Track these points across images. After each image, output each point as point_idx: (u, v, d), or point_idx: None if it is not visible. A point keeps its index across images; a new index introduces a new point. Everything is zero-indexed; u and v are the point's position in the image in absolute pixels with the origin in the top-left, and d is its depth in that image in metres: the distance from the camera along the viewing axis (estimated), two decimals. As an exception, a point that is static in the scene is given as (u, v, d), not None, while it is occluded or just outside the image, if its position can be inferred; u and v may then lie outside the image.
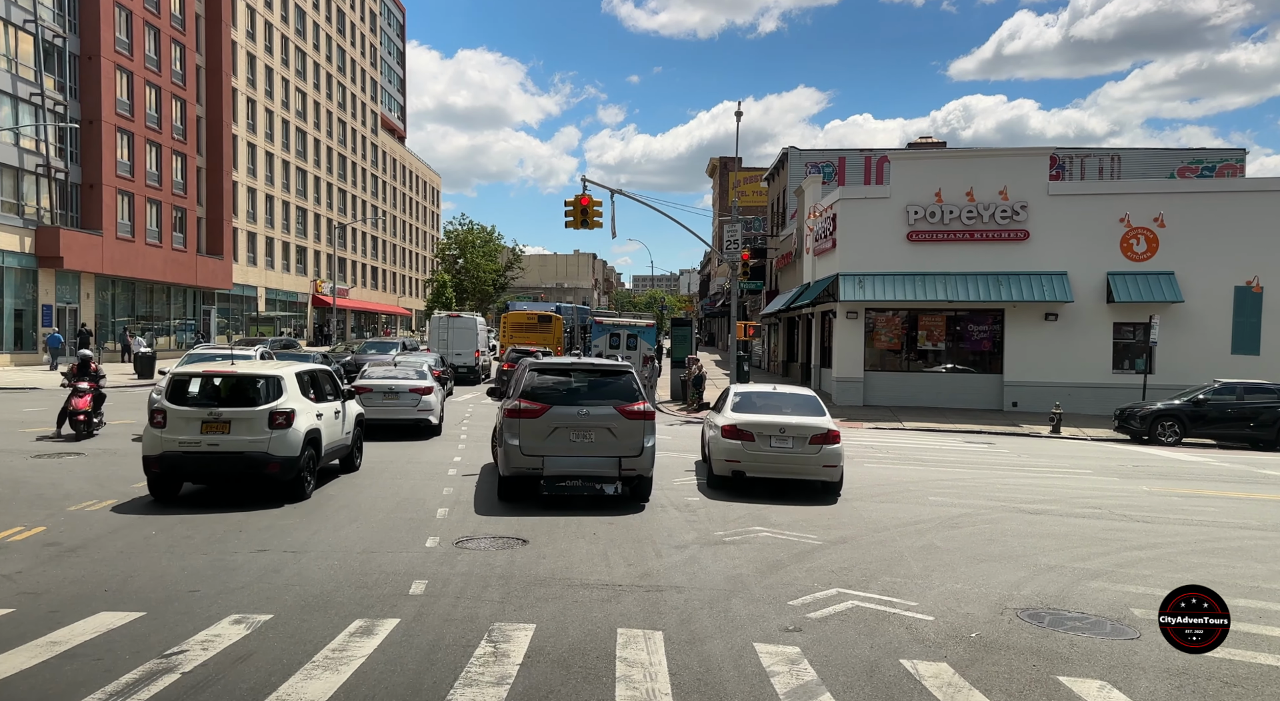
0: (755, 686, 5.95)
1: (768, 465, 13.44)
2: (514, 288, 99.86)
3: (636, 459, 12.25)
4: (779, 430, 13.39)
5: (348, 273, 79.08)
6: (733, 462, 13.53)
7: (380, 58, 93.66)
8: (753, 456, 13.36)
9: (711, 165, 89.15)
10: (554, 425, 12.15)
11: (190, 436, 11.66)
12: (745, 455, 13.38)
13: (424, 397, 19.60)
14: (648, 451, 12.32)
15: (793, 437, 13.34)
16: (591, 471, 12.23)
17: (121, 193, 45.42)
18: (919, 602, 8.00)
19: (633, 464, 12.25)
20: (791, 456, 13.33)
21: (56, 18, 41.79)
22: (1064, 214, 29.90)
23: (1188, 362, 28.47)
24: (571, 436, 12.16)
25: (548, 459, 12.08)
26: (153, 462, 11.74)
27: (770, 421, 13.54)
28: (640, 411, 12.39)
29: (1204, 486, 16.53)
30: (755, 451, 13.34)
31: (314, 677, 5.88)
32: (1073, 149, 51.35)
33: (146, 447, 11.81)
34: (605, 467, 12.20)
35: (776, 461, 13.40)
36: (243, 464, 11.72)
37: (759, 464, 13.42)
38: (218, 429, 11.72)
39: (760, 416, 13.74)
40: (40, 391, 29.20)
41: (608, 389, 12.65)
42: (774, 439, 13.36)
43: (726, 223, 41.85)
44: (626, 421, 12.24)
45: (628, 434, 12.22)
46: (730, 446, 13.48)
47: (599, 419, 12.21)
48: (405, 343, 40.00)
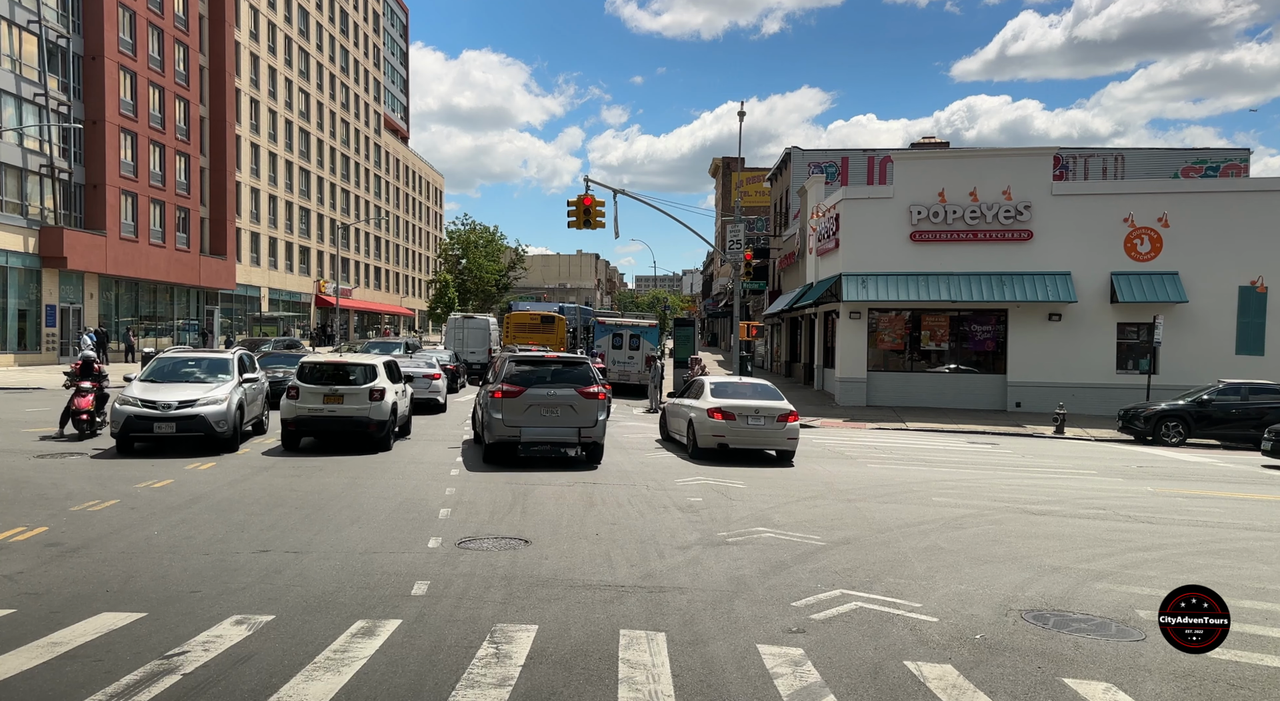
0: (758, 688, 5.92)
1: (746, 438, 17.10)
2: (517, 288, 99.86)
3: (592, 429, 15.88)
4: (754, 412, 17.10)
5: (350, 273, 79.14)
6: (719, 437, 17.08)
7: (383, 58, 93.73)
8: (735, 432, 17.00)
9: (714, 165, 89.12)
10: (529, 403, 15.62)
11: (315, 405, 16.64)
12: (729, 431, 16.99)
13: (434, 382, 25.66)
14: (600, 423, 16.04)
15: (765, 417, 17.11)
16: (558, 438, 15.88)
17: (125, 193, 45.49)
18: (923, 604, 7.96)
19: (589, 433, 15.87)
20: (764, 431, 17.11)
21: (60, 18, 41.86)
22: (1068, 214, 29.84)
23: (1192, 363, 28.40)
24: (542, 411, 15.67)
25: (524, 429, 15.56)
26: (289, 423, 16.74)
27: (747, 404, 17.17)
28: (594, 392, 15.96)
29: (1209, 487, 16.47)
30: (737, 428, 16.99)
31: (315, 679, 5.85)
32: (1076, 149, 51.26)
33: (284, 413, 16.75)
34: (568, 435, 15.82)
35: (753, 435, 17.10)
36: (351, 425, 16.78)
37: (740, 437, 17.07)
38: (335, 400, 16.73)
39: (738, 401, 17.35)
40: (44, 391, 29.23)
41: (570, 375, 16.24)
42: (750, 418, 17.05)
43: (729, 223, 41.81)
44: (584, 400, 15.81)
45: (585, 409, 15.80)
46: (717, 424, 17.01)
47: (563, 398, 15.73)
48: (409, 343, 40.18)
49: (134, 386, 16.41)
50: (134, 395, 15.97)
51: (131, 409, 15.67)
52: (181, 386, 16.55)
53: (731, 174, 71.12)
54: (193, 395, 16.10)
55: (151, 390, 16.19)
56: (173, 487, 12.83)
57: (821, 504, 12.96)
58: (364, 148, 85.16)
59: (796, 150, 51.88)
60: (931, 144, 50.79)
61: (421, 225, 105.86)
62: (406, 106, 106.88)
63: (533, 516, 11.40)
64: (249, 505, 11.69)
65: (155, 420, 15.66)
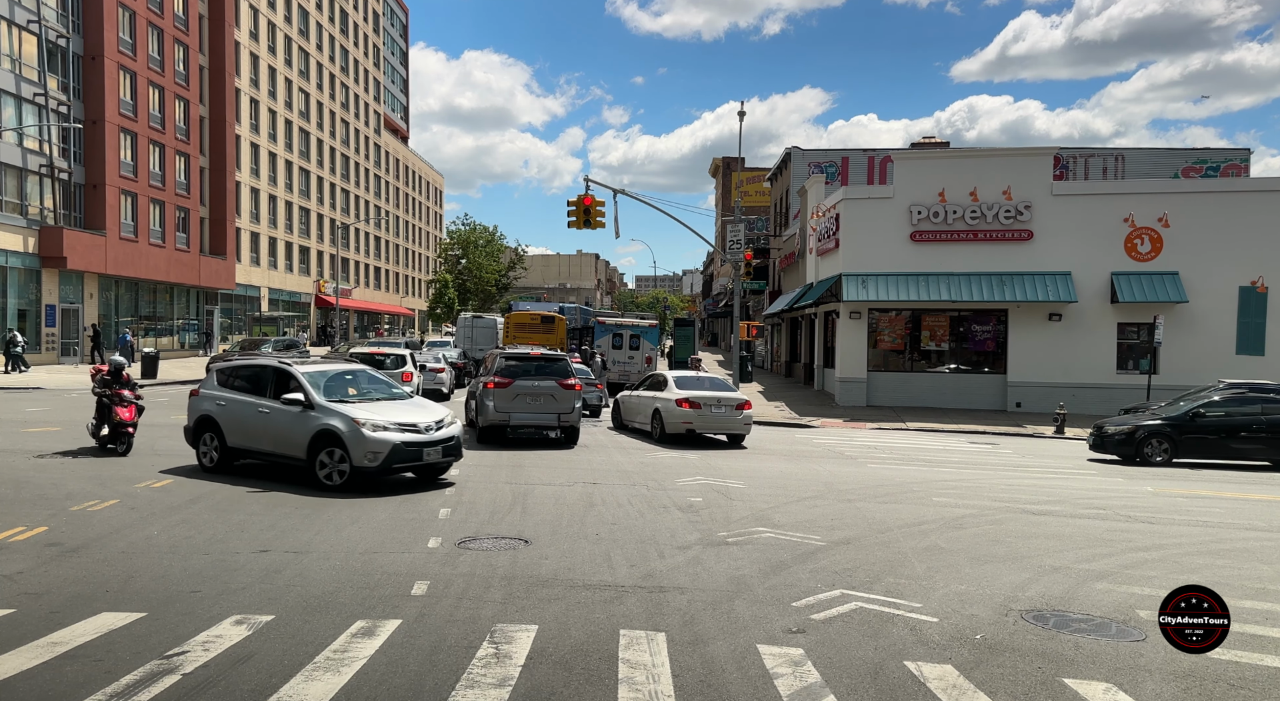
0: (759, 688, 5.92)
1: (710, 424, 20.03)
2: (517, 288, 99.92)
3: (570, 415, 18.85)
4: (717, 402, 20.02)
5: (350, 273, 79.13)
6: (687, 423, 19.91)
7: (383, 58, 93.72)
8: (701, 419, 19.86)
9: (715, 165, 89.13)
10: (517, 393, 18.51)
11: None
12: (696, 418, 19.83)
13: (439, 375, 29.78)
14: (576, 410, 19.06)
15: (725, 406, 20.01)
16: (541, 422, 18.81)
17: (125, 193, 45.47)
18: (923, 604, 7.96)
19: (568, 418, 18.84)
20: (725, 418, 20.01)
21: (60, 18, 41.84)
22: (1068, 214, 29.83)
23: (1192, 363, 28.37)
24: (528, 399, 18.58)
25: (513, 414, 18.55)
26: None
27: (710, 395, 20.12)
28: (571, 384, 18.95)
29: (1208, 487, 16.46)
30: (702, 415, 19.83)
31: (315, 679, 5.85)
32: (1077, 149, 51.26)
33: None
34: (550, 420, 18.76)
35: (716, 421, 20.02)
36: None
37: (705, 423, 19.96)
38: None
39: (700, 392, 20.18)
40: (44, 391, 29.23)
41: (551, 369, 19.19)
42: (713, 407, 19.94)
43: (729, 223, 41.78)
44: (563, 390, 18.79)
45: (564, 398, 18.77)
46: (685, 412, 19.86)
47: (545, 388, 18.68)
48: (410, 342, 40.48)
49: (355, 409, 13.28)
50: (377, 419, 12.99)
51: (395, 436, 12.83)
52: (383, 404, 13.92)
53: (732, 174, 71.13)
54: (420, 415, 13.70)
55: (376, 410, 13.37)
56: (173, 487, 12.83)
57: (821, 504, 12.95)
58: (364, 148, 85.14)
59: (797, 150, 51.88)
60: (932, 144, 50.79)
61: (421, 225, 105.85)
62: (406, 106, 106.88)
63: (533, 516, 11.40)
64: (249, 505, 11.68)
65: (424, 447, 13.13)
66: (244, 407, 14.01)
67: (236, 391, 14.36)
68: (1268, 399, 19.86)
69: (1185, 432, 19.52)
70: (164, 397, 27.56)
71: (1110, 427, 20.33)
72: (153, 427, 19.39)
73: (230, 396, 14.31)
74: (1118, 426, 20.25)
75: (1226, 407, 19.72)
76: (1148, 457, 19.47)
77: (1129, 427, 19.90)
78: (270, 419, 13.58)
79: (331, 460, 12.86)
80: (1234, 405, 19.78)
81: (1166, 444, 19.53)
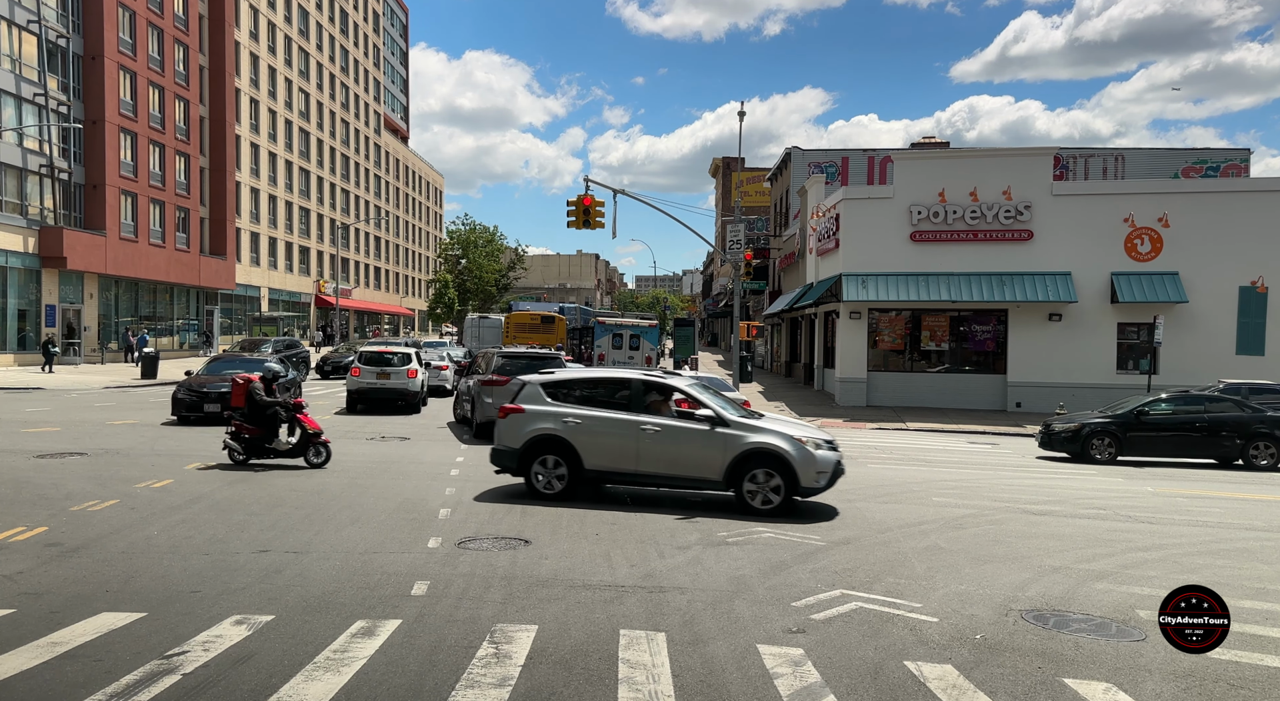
0: (758, 688, 5.92)
1: None
2: (517, 288, 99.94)
3: None
4: None
5: (350, 273, 79.12)
6: None
7: (383, 58, 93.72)
8: None
9: (715, 165, 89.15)
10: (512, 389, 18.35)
11: (371, 380, 24.50)
12: None
13: (442, 372, 31.72)
14: None
15: None
16: None
17: (125, 193, 45.48)
18: (923, 604, 7.96)
19: None
20: None
21: (60, 18, 41.85)
22: (1068, 214, 29.83)
23: (1192, 363, 28.36)
24: None
25: None
26: (353, 394, 24.63)
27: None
28: None
29: (1208, 487, 16.47)
30: None
31: (315, 679, 5.85)
32: (1077, 149, 51.27)
33: (349, 385, 24.89)
34: None
35: None
36: (395, 395, 24.60)
37: None
38: (384, 377, 24.55)
39: None
40: (44, 391, 29.23)
41: (544, 366, 19.08)
42: None
43: (729, 223, 41.80)
44: None
45: None
46: None
47: None
48: (409, 342, 40.55)
49: (777, 425, 12.76)
50: (815, 436, 12.57)
51: (833, 453, 12.36)
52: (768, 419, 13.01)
53: (732, 174, 71.11)
54: (805, 430, 12.95)
55: (778, 425, 12.82)
56: (173, 487, 12.83)
57: (821, 504, 12.94)
58: (364, 148, 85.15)
59: (797, 150, 51.88)
60: (932, 144, 50.81)
61: (421, 225, 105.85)
62: (406, 106, 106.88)
63: (532, 516, 11.39)
64: (249, 505, 11.68)
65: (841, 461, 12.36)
66: (613, 425, 12.46)
67: (587, 406, 12.72)
68: (1211, 399, 20.53)
69: (1130, 430, 19.93)
70: (164, 397, 27.54)
71: (1057, 426, 20.77)
72: (151, 428, 19.40)
73: (586, 413, 12.60)
74: (1064, 424, 20.68)
75: (1173, 406, 20.20)
76: (1091, 455, 19.74)
77: (1075, 426, 20.31)
78: (661, 438, 12.23)
79: (766, 482, 11.91)
80: (1179, 404, 20.27)
81: (1111, 441, 19.85)
